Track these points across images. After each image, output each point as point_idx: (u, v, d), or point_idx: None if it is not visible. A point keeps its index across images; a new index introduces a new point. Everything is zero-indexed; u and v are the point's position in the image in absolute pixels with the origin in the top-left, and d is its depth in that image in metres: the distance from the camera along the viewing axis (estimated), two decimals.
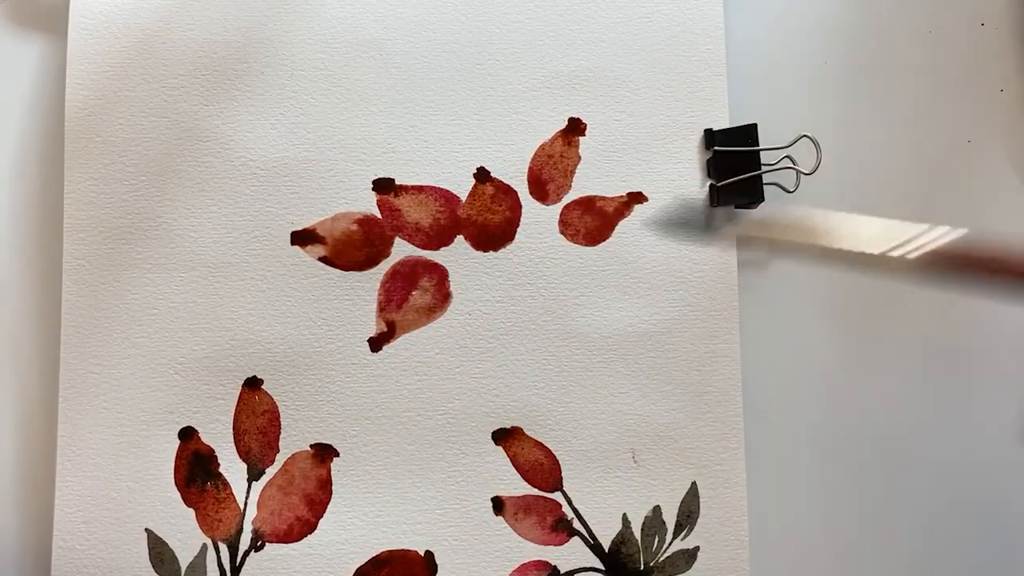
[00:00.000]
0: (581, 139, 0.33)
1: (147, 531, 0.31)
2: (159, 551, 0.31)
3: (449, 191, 0.33)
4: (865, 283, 0.35)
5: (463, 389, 0.32)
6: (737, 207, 0.33)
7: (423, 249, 0.33)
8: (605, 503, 0.32)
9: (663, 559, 0.32)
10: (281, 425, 0.32)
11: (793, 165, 0.33)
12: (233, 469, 0.32)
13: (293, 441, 0.32)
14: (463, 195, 0.33)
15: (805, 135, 0.33)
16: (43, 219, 0.33)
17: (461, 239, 0.33)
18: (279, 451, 0.32)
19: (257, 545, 0.32)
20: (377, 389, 0.32)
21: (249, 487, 0.32)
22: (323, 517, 0.32)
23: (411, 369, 0.32)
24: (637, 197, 0.33)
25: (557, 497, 0.32)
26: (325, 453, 0.32)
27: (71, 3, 0.32)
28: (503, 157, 0.33)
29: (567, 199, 0.33)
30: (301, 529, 0.32)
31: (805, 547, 0.34)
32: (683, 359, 0.33)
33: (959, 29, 0.36)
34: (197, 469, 0.32)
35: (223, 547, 0.31)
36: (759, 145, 0.33)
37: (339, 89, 0.33)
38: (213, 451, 0.32)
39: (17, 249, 0.33)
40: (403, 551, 0.32)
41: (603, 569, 0.32)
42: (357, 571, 0.31)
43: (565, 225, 0.33)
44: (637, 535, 0.32)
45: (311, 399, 0.32)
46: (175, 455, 0.32)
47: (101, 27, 0.32)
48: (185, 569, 0.31)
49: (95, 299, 0.32)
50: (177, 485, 0.31)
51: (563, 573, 0.32)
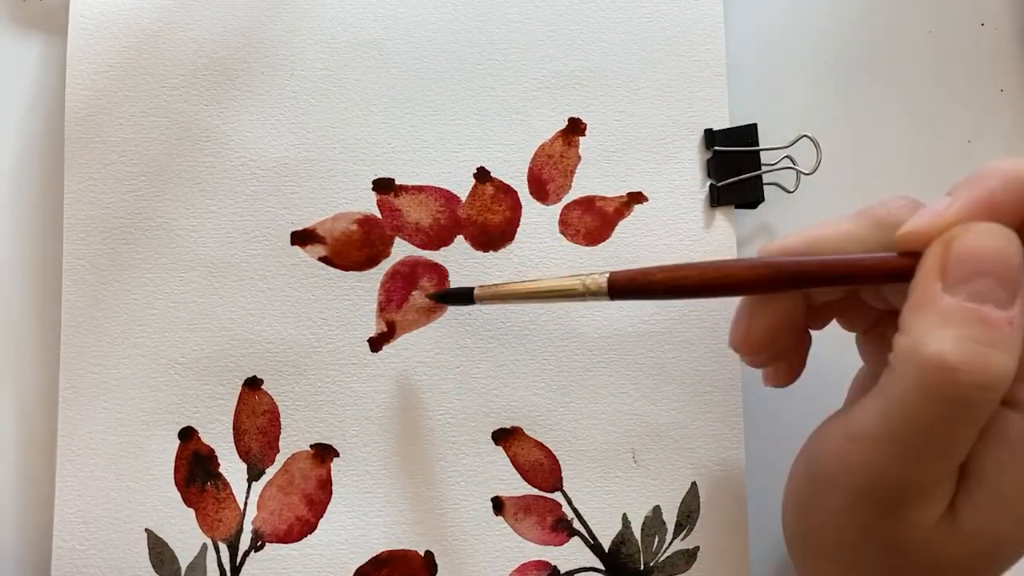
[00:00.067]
0: (581, 139, 0.33)
1: (147, 531, 0.31)
2: (159, 551, 0.31)
3: (449, 191, 0.33)
4: None
5: (463, 389, 0.32)
6: (737, 207, 0.33)
7: (423, 249, 0.33)
8: (605, 503, 0.32)
9: (663, 559, 0.32)
10: (281, 425, 0.32)
11: (793, 165, 0.33)
12: (233, 469, 0.32)
13: (293, 441, 0.32)
14: (463, 195, 0.33)
15: (805, 135, 0.33)
16: (43, 219, 0.33)
17: (461, 239, 0.33)
18: (279, 451, 0.32)
19: (257, 545, 0.32)
20: (377, 389, 0.32)
21: (249, 487, 0.32)
22: (323, 517, 0.32)
23: (411, 369, 0.32)
24: (637, 197, 0.33)
25: (557, 497, 0.32)
26: (325, 453, 0.32)
27: (71, 3, 0.32)
28: (503, 157, 0.33)
29: (567, 199, 0.33)
30: (301, 529, 0.32)
31: None
32: (683, 359, 0.33)
33: (959, 29, 0.36)
34: (197, 469, 0.32)
35: (223, 547, 0.31)
36: (759, 145, 0.33)
37: (339, 89, 0.33)
38: (213, 451, 0.32)
39: (17, 249, 0.33)
40: (403, 551, 0.32)
41: (603, 569, 0.32)
42: (357, 571, 0.31)
43: (565, 225, 0.33)
44: (637, 535, 0.32)
45: (311, 399, 0.32)
46: (175, 455, 0.32)
47: (101, 27, 0.32)
48: (185, 569, 0.31)
49: (95, 299, 0.32)
50: (177, 485, 0.31)
51: (563, 573, 0.32)
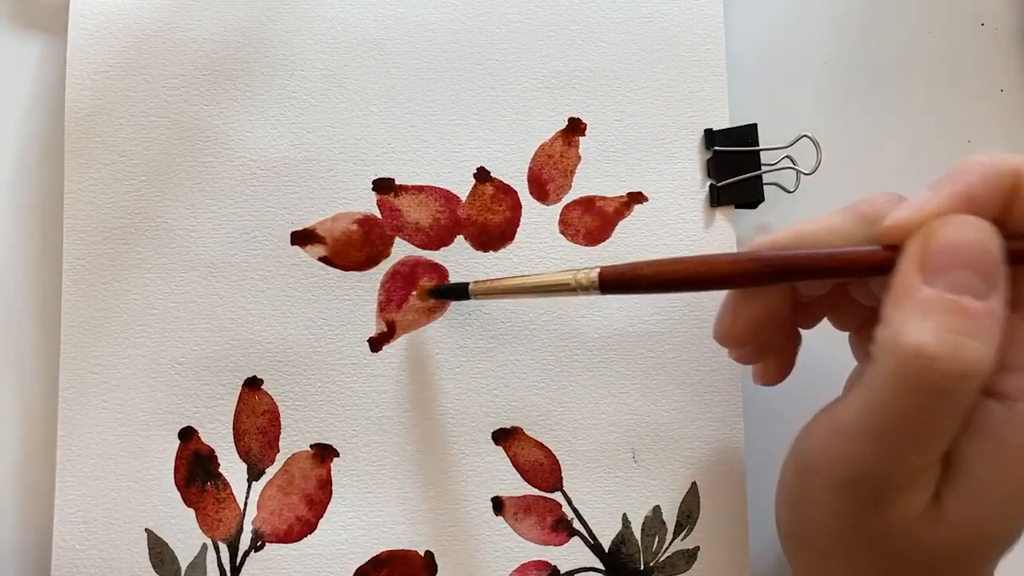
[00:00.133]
0: (581, 139, 0.33)
1: (147, 531, 0.31)
2: (159, 551, 0.31)
3: (449, 191, 0.33)
4: None
5: (463, 389, 0.32)
6: (737, 207, 0.33)
7: (423, 249, 0.33)
8: (605, 503, 0.32)
9: (663, 559, 0.32)
10: (281, 425, 0.32)
11: (793, 165, 0.33)
12: (233, 469, 0.32)
13: (293, 441, 0.32)
14: (463, 195, 0.33)
15: (805, 135, 0.33)
16: (43, 219, 0.33)
17: (461, 239, 0.33)
18: (279, 451, 0.32)
19: (257, 545, 0.32)
20: (377, 389, 0.32)
21: (249, 487, 0.32)
22: (323, 517, 0.32)
23: (411, 369, 0.32)
24: (637, 197, 0.33)
25: (557, 497, 0.32)
26: (325, 453, 0.32)
27: (71, 3, 0.32)
28: (503, 157, 0.33)
29: (567, 199, 0.33)
30: (301, 529, 0.32)
31: None
32: (683, 359, 0.33)
33: (959, 29, 0.36)
34: (197, 469, 0.32)
35: (223, 547, 0.31)
36: (759, 145, 0.33)
37: (339, 89, 0.33)
38: (213, 451, 0.32)
39: (17, 249, 0.33)
40: (403, 551, 0.32)
41: (603, 569, 0.32)
42: (357, 571, 0.31)
43: (565, 225, 0.33)
44: (637, 535, 0.32)
45: (311, 399, 0.32)
46: (175, 455, 0.32)
47: (101, 27, 0.32)
48: (185, 569, 0.31)
49: (95, 299, 0.32)
50: (177, 485, 0.31)
51: (563, 573, 0.32)
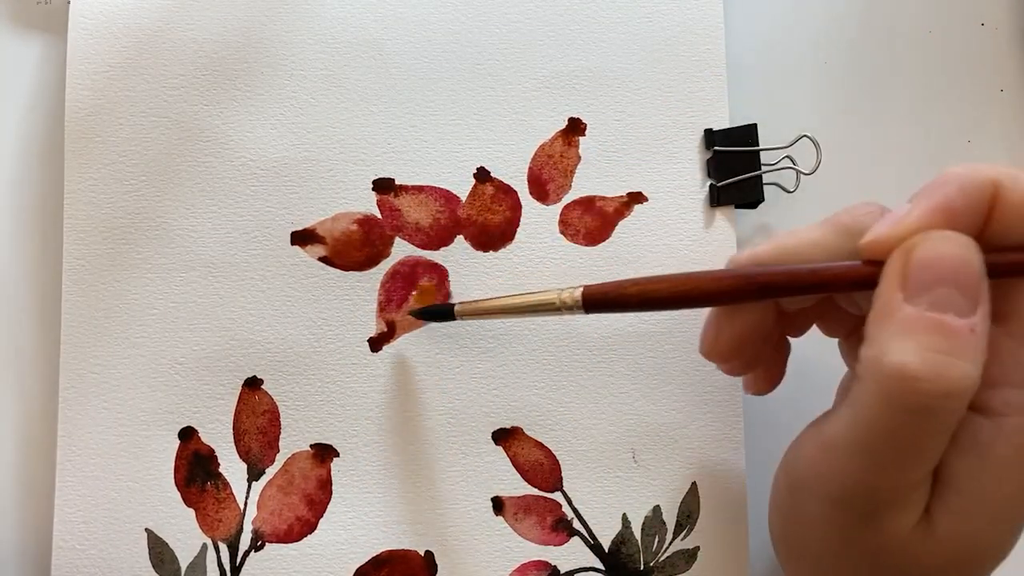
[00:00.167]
0: (581, 139, 0.33)
1: (147, 531, 0.31)
2: (159, 551, 0.31)
3: (449, 191, 0.33)
4: None
5: (463, 389, 0.32)
6: (737, 207, 0.33)
7: (423, 249, 0.33)
8: (605, 503, 0.32)
9: (663, 559, 0.32)
10: (281, 425, 0.32)
11: (793, 165, 0.33)
12: (233, 469, 0.32)
13: (293, 441, 0.32)
14: (463, 195, 0.33)
15: (805, 135, 0.33)
16: (43, 219, 0.33)
17: (461, 239, 0.33)
18: (279, 451, 0.32)
19: (257, 545, 0.32)
20: (377, 389, 0.32)
21: (249, 487, 0.32)
22: (323, 517, 0.32)
23: (411, 369, 0.32)
24: (637, 197, 0.33)
25: (557, 497, 0.32)
26: (325, 453, 0.32)
27: (71, 3, 0.32)
28: (503, 157, 0.33)
29: (567, 199, 0.33)
30: (301, 529, 0.32)
31: None
32: (683, 359, 0.33)
33: (959, 29, 0.36)
34: (197, 469, 0.32)
35: (223, 547, 0.31)
36: (759, 145, 0.33)
37: (339, 89, 0.33)
38: (213, 451, 0.32)
39: (17, 249, 0.33)
40: (403, 551, 0.32)
41: (603, 569, 0.32)
42: (357, 571, 0.31)
43: (565, 225, 0.33)
44: (637, 535, 0.32)
45: (311, 399, 0.32)
46: (175, 455, 0.32)
47: (101, 27, 0.32)
48: (185, 569, 0.31)
49: (95, 299, 0.32)
50: (177, 485, 0.31)
51: (563, 573, 0.32)
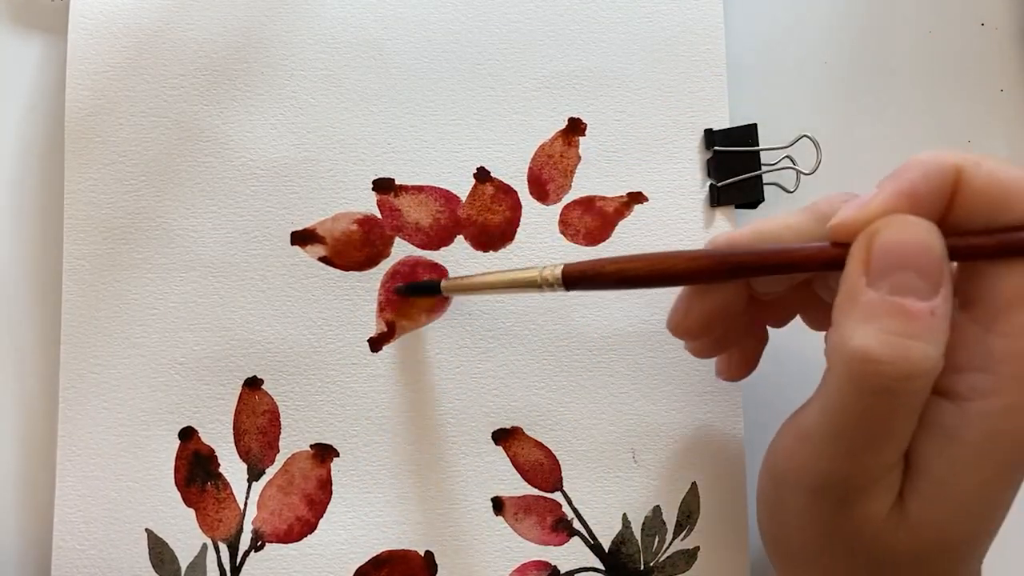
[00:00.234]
0: (581, 139, 0.33)
1: (147, 531, 0.31)
2: (159, 551, 0.31)
3: (449, 191, 0.33)
4: None
5: (463, 389, 0.32)
6: (737, 207, 0.33)
7: (423, 249, 0.33)
8: (605, 503, 0.32)
9: (663, 559, 0.32)
10: (281, 425, 0.32)
11: (793, 165, 0.33)
12: (233, 469, 0.32)
13: (293, 441, 0.32)
14: (463, 195, 0.33)
15: (805, 135, 0.33)
16: (43, 219, 0.33)
17: (461, 239, 0.33)
18: (279, 451, 0.32)
19: (257, 545, 0.32)
20: (377, 389, 0.32)
21: (249, 487, 0.32)
22: (323, 517, 0.32)
23: (411, 369, 0.32)
24: (637, 197, 0.33)
25: (557, 497, 0.32)
26: (325, 453, 0.32)
27: (71, 3, 0.32)
28: (503, 157, 0.33)
29: (567, 199, 0.33)
30: (301, 529, 0.32)
31: None
32: (683, 359, 0.33)
33: (959, 29, 0.36)
34: (197, 469, 0.32)
35: (223, 547, 0.31)
36: (759, 145, 0.33)
37: (339, 89, 0.33)
38: (213, 451, 0.32)
39: (17, 249, 0.33)
40: (403, 551, 0.32)
41: (603, 569, 0.32)
42: (357, 571, 0.31)
43: (565, 225, 0.33)
44: (637, 535, 0.32)
45: (311, 399, 0.32)
46: (175, 455, 0.32)
47: (101, 27, 0.32)
48: (185, 569, 0.31)
49: (95, 299, 0.32)
50: (177, 485, 0.31)
51: (563, 573, 0.32)
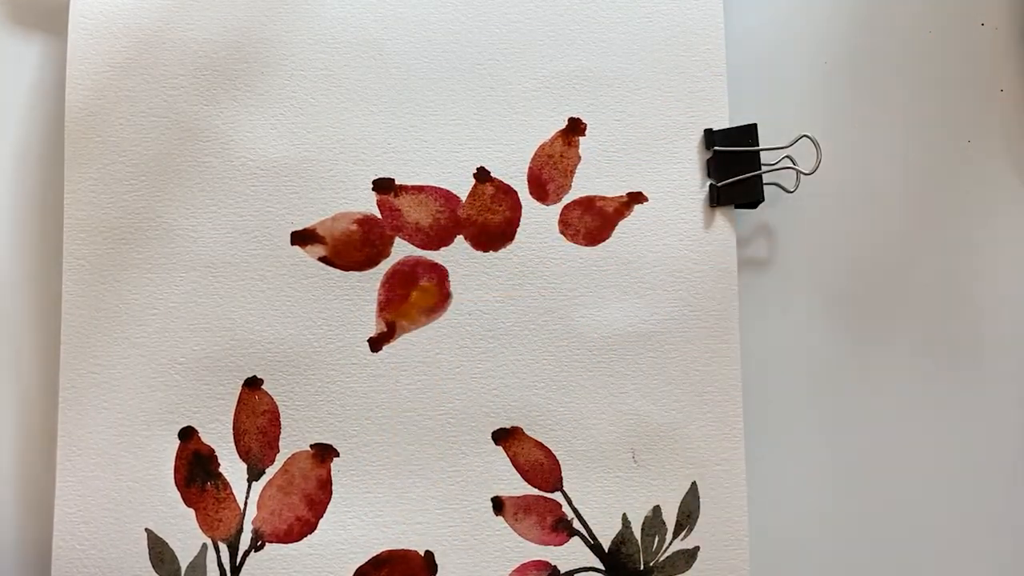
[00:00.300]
0: (581, 139, 0.33)
1: (147, 531, 0.31)
2: (159, 551, 0.31)
3: (449, 191, 0.33)
4: (865, 283, 0.35)
5: (463, 389, 0.32)
6: (737, 207, 0.33)
7: (423, 249, 0.33)
8: (605, 503, 0.32)
9: (663, 559, 0.32)
10: (281, 425, 0.32)
11: (793, 165, 0.33)
12: (233, 469, 0.32)
13: (293, 441, 0.32)
14: (463, 195, 0.33)
15: (805, 135, 0.33)
16: (43, 219, 0.33)
17: (461, 239, 0.33)
18: (279, 451, 0.32)
19: (257, 545, 0.32)
20: (377, 389, 0.32)
21: (249, 487, 0.32)
22: (323, 517, 0.32)
23: (411, 369, 0.32)
24: (637, 197, 0.33)
25: (557, 497, 0.32)
26: (325, 453, 0.32)
27: (71, 3, 0.32)
28: (503, 157, 0.33)
29: (567, 199, 0.33)
30: (301, 529, 0.32)
31: (805, 547, 0.34)
32: (683, 359, 0.33)
33: (959, 29, 0.36)
34: (197, 469, 0.32)
35: (223, 547, 0.31)
36: (759, 145, 0.33)
37: (339, 89, 0.33)
38: (213, 451, 0.32)
39: (17, 249, 0.33)
40: (403, 551, 0.32)
41: (603, 569, 0.32)
42: (357, 571, 0.32)
43: (565, 225, 0.33)
44: (637, 535, 0.32)
45: (311, 399, 0.32)
46: (175, 455, 0.32)
47: (101, 27, 0.32)
48: (185, 569, 0.31)
49: (95, 299, 0.32)
50: (177, 485, 0.31)
51: (563, 573, 0.32)
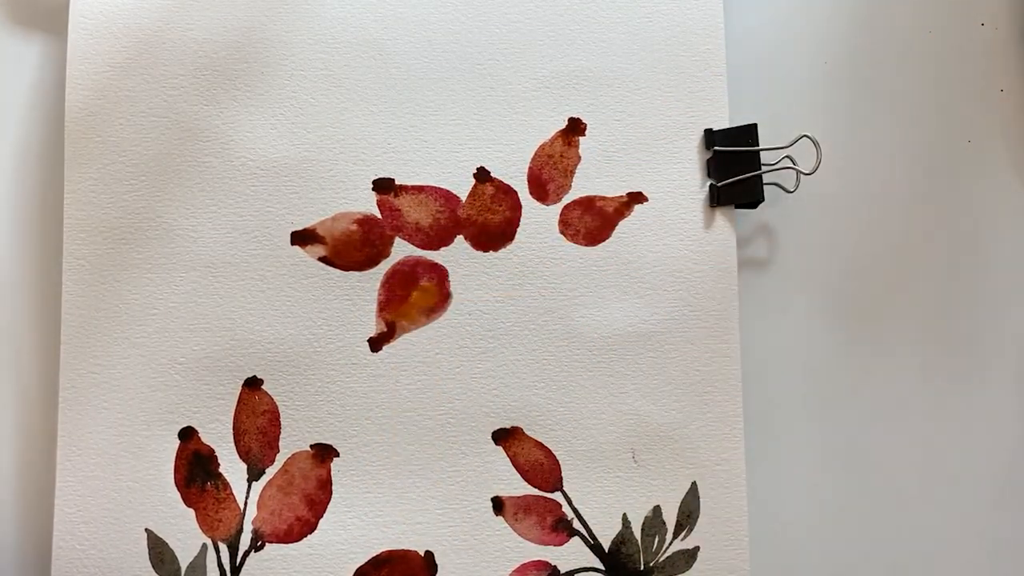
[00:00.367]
0: (581, 139, 0.33)
1: (147, 531, 0.31)
2: (159, 551, 0.31)
3: (449, 191, 0.33)
4: (864, 283, 0.35)
5: (463, 389, 0.32)
6: (737, 207, 0.33)
7: (423, 249, 0.33)
8: (605, 503, 0.32)
9: (663, 559, 0.32)
10: (281, 425, 0.32)
11: (793, 165, 0.33)
12: (233, 469, 0.32)
13: (293, 441, 0.32)
14: (463, 195, 0.33)
15: (805, 135, 0.33)
16: (43, 219, 0.33)
17: (461, 239, 0.33)
18: (279, 451, 0.32)
19: (257, 545, 0.32)
20: (377, 389, 0.32)
21: (249, 487, 0.32)
22: (323, 517, 0.32)
23: (411, 369, 0.32)
24: (637, 197, 0.33)
25: (557, 497, 0.32)
26: (325, 453, 0.32)
27: (71, 3, 0.32)
28: (503, 157, 0.33)
29: (567, 199, 0.33)
30: (301, 529, 0.32)
31: (805, 547, 0.34)
32: (683, 359, 0.33)
33: (959, 29, 0.36)
34: (197, 469, 0.32)
35: (223, 547, 0.31)
36: (759, 145, 0.33)
37: (339, 89, 0.33)
38: (213, 451, 0.32)
39: (17, 249, 0.33)
40: (403, 551, 0.32)
41: (603, 569, 0.32)
42: (357, 571, 0.31)
43: (565, 225, 0.33)
44: (637, 535, 0.32)
45: (311, 399, 0.32)
46: (175, 455, 0.32)
47: (101, 27, 0.32)
48: (185, 569, 0.31)
49: (95, 299, 0.32)
50: (177, 485, 0.31)
51: (563, 573, 0.32)
